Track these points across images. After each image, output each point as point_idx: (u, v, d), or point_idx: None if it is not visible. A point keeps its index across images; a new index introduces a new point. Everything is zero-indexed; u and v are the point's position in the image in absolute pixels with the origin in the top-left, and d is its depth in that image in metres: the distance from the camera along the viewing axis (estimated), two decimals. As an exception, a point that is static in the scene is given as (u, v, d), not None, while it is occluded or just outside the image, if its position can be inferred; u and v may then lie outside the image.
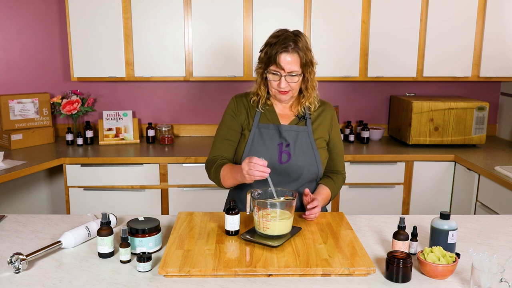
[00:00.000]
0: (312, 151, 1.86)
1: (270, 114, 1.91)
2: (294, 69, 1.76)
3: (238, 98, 1.95)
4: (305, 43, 1.78)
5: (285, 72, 1.76)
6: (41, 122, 3.46)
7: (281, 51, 1.74)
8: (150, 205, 3.18)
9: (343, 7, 3.31)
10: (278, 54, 1.74)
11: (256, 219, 1.60)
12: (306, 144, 1.86)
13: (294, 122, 1.90)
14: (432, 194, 3.28)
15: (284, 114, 1.92)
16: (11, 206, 3.46)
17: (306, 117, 1.89)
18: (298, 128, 1.87)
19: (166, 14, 3.28)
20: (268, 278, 1.41)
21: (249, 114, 1.91)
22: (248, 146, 1.87)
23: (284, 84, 1.77)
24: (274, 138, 1.86)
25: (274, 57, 1.75)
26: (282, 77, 1.77)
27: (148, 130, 3.56)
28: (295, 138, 1.86)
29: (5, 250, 1.59)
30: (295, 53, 1.75)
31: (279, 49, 1.74)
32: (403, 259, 1.40)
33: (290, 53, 1.74)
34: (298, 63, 1.76)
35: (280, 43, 1.75)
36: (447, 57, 3.40)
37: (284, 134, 1.85)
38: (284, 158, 1.84)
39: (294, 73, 1.77)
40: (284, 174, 1.85)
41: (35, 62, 3.64)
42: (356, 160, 3.22)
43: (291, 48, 1.74)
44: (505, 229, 1.84)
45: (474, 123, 3.36)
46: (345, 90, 3.78)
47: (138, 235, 1.54)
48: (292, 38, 1.76)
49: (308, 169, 1.86)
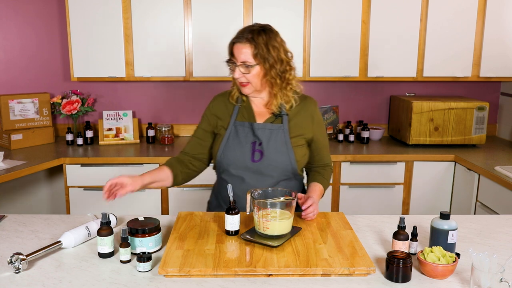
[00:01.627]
0: (286, 150, 1.85)
1: (247, 111, 1.91)
2: (247, 60, 1.76)
3: (217, 97, 2.00)
4: (268, 38, 1.76)
5: (238, 62, 1.78)
6: (41, 122, 3.46)
7: (236, 40, 1.79)
8: (150, 205, 3.18)
9: (343, 7, 3.31)
10: (232, 44, 1.80)
11: (256, 219, 1.60)
12: (280, 142, 1.84)
13: (270, 120, 1.88)
14: (432, 194, 3.28)
15: (260, 111, 1.90)
16: (11, 206, 3.46)
17: (282, 115, 1.87)
18: (272, 126, 1.86)
19: (166, 14, 3.28)
20: (268, 278, 1.42)
21: (228, 111, 1.93)
22: (223, 143, 1.88)
23: (238, 74, 1.79)
24: (248, 136, 1.86)
25: (229, 46, 1.81)
26: (237, 67, 1.79)
27: (148, 130, 3.56)
28: (268, 136, 1.85)
29: (5, 250, 1.59)
30: (247, 43, 1.76)
31: (234, 39, 1.80)
32: (403, 259, 1.40)
33: (242, 43, 1.76)
34: (250, 54, 1.75)
35: (237, 34, 1.80)
36: (447, 57, 3.40)
37: (257, 133, 1.85)
38: (256, 156, 1.84)
39: (248, 64, 1.76)
40: (257, 172, 1.85)
41: (35, 62, 3.64)
42: (356, 160, 3.22)
43: (246, 38, 1.76)
44: (505, 229, 1.84)
45: (474, 123, 3.36)
46: (345, 90, 3.78)
47: (138, 235, 1.54)
48: (252, 30, 1.77)
49: (281, 168, 1.85)
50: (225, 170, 1.90)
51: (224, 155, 1.87)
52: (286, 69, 1.81)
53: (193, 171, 1.98)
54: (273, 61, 1.77)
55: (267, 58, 1.76)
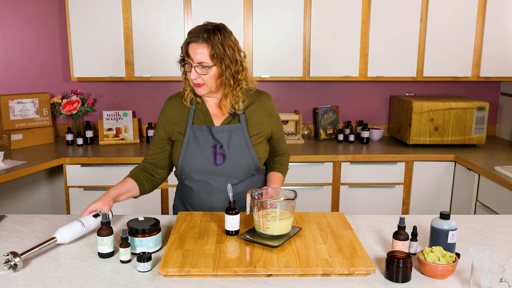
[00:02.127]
0: (248, 149, 1.84)
1: (203, 114, 1.87)
2: (204, 60, 1.71)
3: (170, 101, 1.94)
4: (224, 38, 1.72)
5: (195, 63, 1.73)
6: (41, 122, 3.46)
7: (191, 40, 1.72)
8: (150, 205, 3.18)
9: (343, 7, 3.31)
10: (188, 43, 1.73)
11: (256, 219, 1.60)
12: (240, 142, 1.84)
13: (227, 121, 1.86)
14: (432, 194, 3.28)
15: (216, 112, 1.87)
16: (11, 206, 3.46)
17: (239, 113, 1.85)
18: (230, 127, 1.84)
19: (166, 14, 3.28)
20: (268, 278, 1.41)
21: (183, 115, 1.89)
22: (183, 150, 1.85)
23: (194, 75, 1.74)
24: (208, 140, 1.84)
25: (185, 47, 1.74)
26: (192, 68, 1.74)
27: (148, 130, 3.56)
28: (228, 138, 1.83)
29: (5, 250, 1.59)
30: (204, 43, 1.70)
31: (189, 38, 1.72)
32: (403, 259, 1.40)
33: (199, 43, 1.70)
34: (207, 54, 1.70)
35: (192, 33, 1.73)
36: (447, 57, 3.40)
37: (216, 136, 1.83)
38: (219, 160, 1.83)
39: (204, 65, 1.72)
40: (221, 175, 1.84)
41: (35, 62, 3.64)
42: (356, 160, 3.22)
43: (202, 38, 1.70)
44: (505, 229, 1.84)
45: (474, 123, 3.36)
46: (345, 90, 3.78)
47: (138, 235, 1.54)
48: (207, 29, 1.71)
49: (245, 167, 1.85)
50: (188, 177, 1.89)
51: (185, 162, 1.85)
52: (239, 70, 1.77)
53: (158, 179, 1.98)
54: (229, 62, 1.73)
55: (223, 58, 1.72)
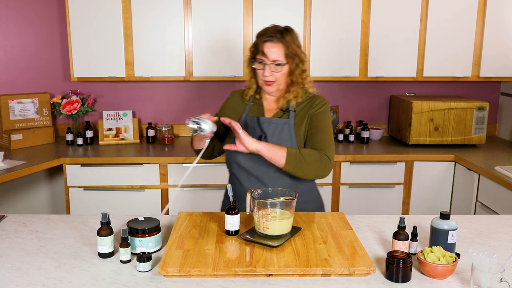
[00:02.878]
0: (291, 144, 1.85)
1: (258, 108, 1.96)
2: (278, 58, 1.81)
3: (235, 93, 2.06)
4: (293, 38, 1.85)
5: (269, 61, 1.82)
6: (41, 122, 3.46)
7: (267, 40, 1.82)
8: (150, 205, 3.18)
9: (343, 7, 3.31)
10: (263, 43, 1.82)
11: (256, 219, 1.60)
12: (285, 137, 1.86)
13: (277, 115, 1.92)
14: (432, 194, 3.28)
15: (270, 108, 1.95)
16: (11, 206, 3.46)
17: (290, 110, 1.90)
18: (278, 120, 1.89)
19: (166, 14, 3.28)
20: (268, 278, 1.42)
21: (240, 108, 1.99)
22: (232, 137, 1.88)
23: (268, 73, 1.83)
24: (255, 130, 1.90)
25: (260, 46, 1.83)
26: (266, 66, 1.83)
27: (148, 130, 3.56)
28: (273, 130, 1.87)
29: (5, 250, 1.59)
30: (279, 43, 1.81)
31: (264, 38, 1.83)
32: (403, 259, 1.40)
33: (274, 42, 1.81)
34: (282, 53, 1.82)
35: (267, 34, 1.83)
36: (447, 57, 3.40)
37: (263, 126, 1.89)
38: None
39: (278, 63, 1.82)
40: (262, 164, 1.86)
41: (35, 62, 3.64)
42: (356, 160, 3.22)
43: (277, 38, 1.81)
44: (505, 229, 1.84)
45: (474, 123, 3.36)
46: (345, 90, 3.78)
47: (138, 235, 1.54)
48: (280, 30, 1.84)
49: None
50: (233, 164, 1.94)
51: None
52: (304, 69, 1.88)
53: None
54: (298, 61, 1.85)
55: (294, 57, 1.83)
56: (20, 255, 1.56)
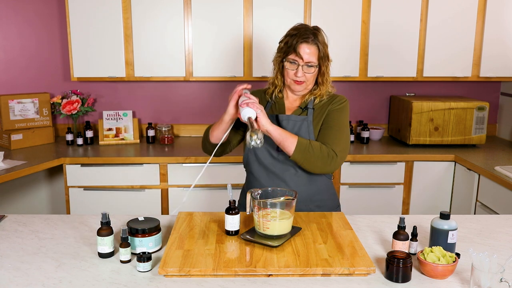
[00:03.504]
0: None
1: (278, 106, 1.97)
2: (312, 60, 1.83)
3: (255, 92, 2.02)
4: (323, 38, 1.88)
5: (303, 62, 1.83)
6: (41, 122, 3.46)
7: (302, 41, 1.82)
8: (150, 205, 3.18)
9: (343, 7, 3.31)
10: (298, 43, 1.82)
11: (256, 219, 1.60)
12: (304, 134, 1.88)
13: (297, 113, 1.93)
14: (432, 194, 3.28)
15: (291, 106, 1.96)
16: (11, 206, 3.46)
17: (308, 107, 1.92)
18: (296, 117, 1.90)
19: (166, 14, 3.28)
20: (268, 278, 1.42)
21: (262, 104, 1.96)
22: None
23: (301, 73, 1.84)
24: None
25: (294, 46, 1.82)
26: (300, 67, 1.84)
27: (148, 130, 3.56)
28: (292, 127, 1.89)
29: (5, 250, 1.59)
30: (314, 44, 1.83)
31: (299, 39, 1.82)
32: (403, 259, 1.40)
33: (309, 44, 1.82)
34: (316, 55, 1.84)
35: (301, 34, 1.83)
36: (447, 57, 3.40)
37: (282, 124, 1.90)
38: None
39: (311, 64, 1.83)
40: (281, 162, 1.89)
41: (35, 62, 3.64)
42: (356, 160, 3.21)
43: (311, 39, 1.83)
44: (505, 229, 1.84)
45: (474, 123, 3.36)
46: (345, 90, 3.78)
47: (138, 235, 1.54)
48: (312, 31, 1.85)
49: None
50: (251, 161, 1.95)
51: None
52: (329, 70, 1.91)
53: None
54: (327, 61, 1.89)
55: (325, 58, 1.87)
56: (20, 255, 1.56)
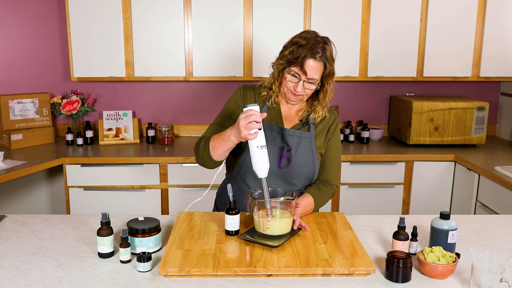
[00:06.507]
0: (312, 159, 1.84)
1: (275, 114, 1.86)
2: (315, 77, 1.73)
3: (246, 89, 1.90)
4: (332, 52, 1.77)
5: (305, 77, 1.72)
6: (41, 122, 3.46)
7: (309, 56, 1.70)
8: (150, 205, 3.18)
9: (343, 7, 3.31)
10: (305, 58, 1.70)
11: (256, 219, 1.59)
12: (307, 150, 1.83)
13: (297, 126, 1.86)
14: (432, 194, 3.28)
15: (288, 116, 1.88)
16: (11, 206, 3.46)
17: (310, 123, 1.86)
18: (301, 133, 1.84)
19: (166, 14, 3.28)
20: (268, 278, 1.41)
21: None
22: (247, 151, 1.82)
23: (300, 89, 1.74)
24: (276, 140, 1.82)
25: (300, 60, 1.70)
26: (301, 82, 1.73)
27: (148, 130, 3.56)
28: (297, 143, 1.83)
29: (5, 250, 1.59)
30: (321, 61, 1.72)
31: (307, 53, 1.70)
32: (403, 259, 1.40)
33: (317, 60, 1.71)
34: (321, 72, 1.74)
35: (309, 48, 1.70)
36: (447, 57, 3.40)
37: (287, 138, 1.82)
38: (283, 162, 1.82)
39: (313, 81, 1.74)
40: (281, 178, 1.82)
41: (35, 62, 3.64)
42: (356, 160, 3.22)
43: (319, 56, 1.71)
44: (505, 229, 1.84)
45: (474, 123, 3.36)
46: (345, 90, 3.78)
47: (138, 235, 1.54)
48: (321, 45, 1.73)
49: (305, 176, 1.84)
50: (247, 172, 1.84)
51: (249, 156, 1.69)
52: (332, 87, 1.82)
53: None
54: (331, 80, 1.80)
55: (330, 75, 1.78)
56: (20, 255, 1.56)
